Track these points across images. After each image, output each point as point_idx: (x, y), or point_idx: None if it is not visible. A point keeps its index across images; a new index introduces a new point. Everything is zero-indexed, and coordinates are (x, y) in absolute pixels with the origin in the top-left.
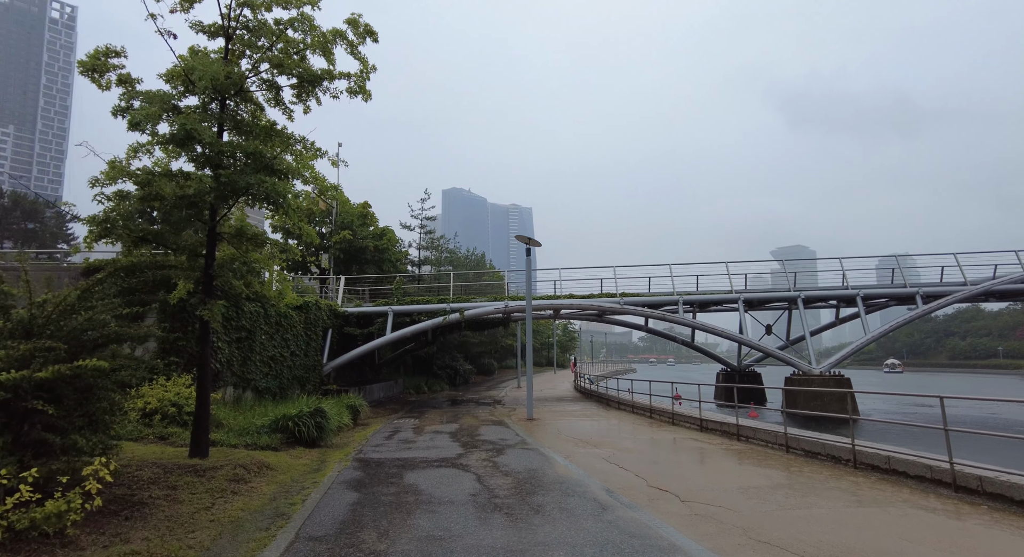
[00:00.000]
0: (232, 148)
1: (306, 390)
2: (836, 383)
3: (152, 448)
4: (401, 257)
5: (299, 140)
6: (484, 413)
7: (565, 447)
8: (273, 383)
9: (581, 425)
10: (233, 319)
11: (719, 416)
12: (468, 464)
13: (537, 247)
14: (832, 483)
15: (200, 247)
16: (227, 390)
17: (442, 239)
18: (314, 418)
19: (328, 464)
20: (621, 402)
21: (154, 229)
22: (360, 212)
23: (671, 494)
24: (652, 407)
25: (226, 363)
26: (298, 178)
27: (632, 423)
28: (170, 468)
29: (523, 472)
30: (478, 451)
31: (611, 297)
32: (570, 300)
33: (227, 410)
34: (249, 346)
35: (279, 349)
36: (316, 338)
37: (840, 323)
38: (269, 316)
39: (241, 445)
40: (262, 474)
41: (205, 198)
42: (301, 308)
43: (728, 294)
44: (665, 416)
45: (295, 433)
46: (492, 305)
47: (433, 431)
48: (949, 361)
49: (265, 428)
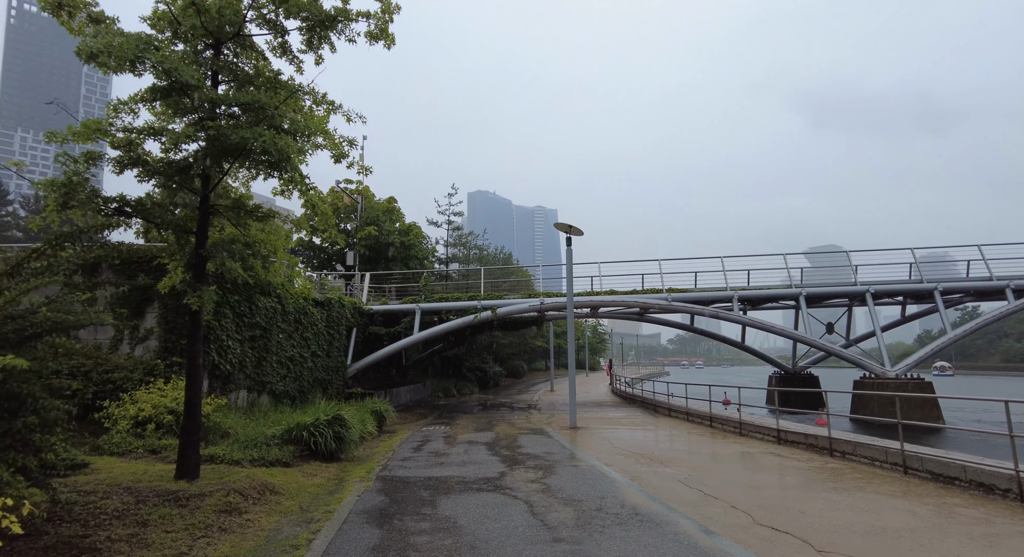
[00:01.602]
0: (229, 100)
1: (328, 394)
2: (916, 387)
3: (136, 466)
4: (428, 254)
5: (308, 92)
6: (520, 419)
7: (626, 464)
8: (292, 386)
9: (634, 436)
10: (246, 315)
11: (800, 426)
12: (514, 488)
13: (579, 235)
14: (1018, 527)
15: (190, 222)
16: (239, 394)
17: (470, 235)
18: (332, 427)
19: (347, 484)
20: (672, 408)
21: (132, 198)
22: (385, 207)
23: (794, 538)
24: (713, 415)
25: (238, 364)
26: (306, 139)
27: (691, 433)
28: (145, 495)
29: (585, 500)
30: (523, 468)
31: (656, 293)
32: (611, 296)
33: (238, 417)
34: (264, 345)
35: (298, 349)
36: (339, 337)
37: (906, 321)
38: (287, 313)
39: (246, 460)
40: (263, 500)
41: (196, 162)
42: (323, 305)
43: (787, 289)
44: (730, 425)
45: (310, 445)
46: (526, 302)
47: (467, 441)
48: (1003, 364)
49: (276, 439)
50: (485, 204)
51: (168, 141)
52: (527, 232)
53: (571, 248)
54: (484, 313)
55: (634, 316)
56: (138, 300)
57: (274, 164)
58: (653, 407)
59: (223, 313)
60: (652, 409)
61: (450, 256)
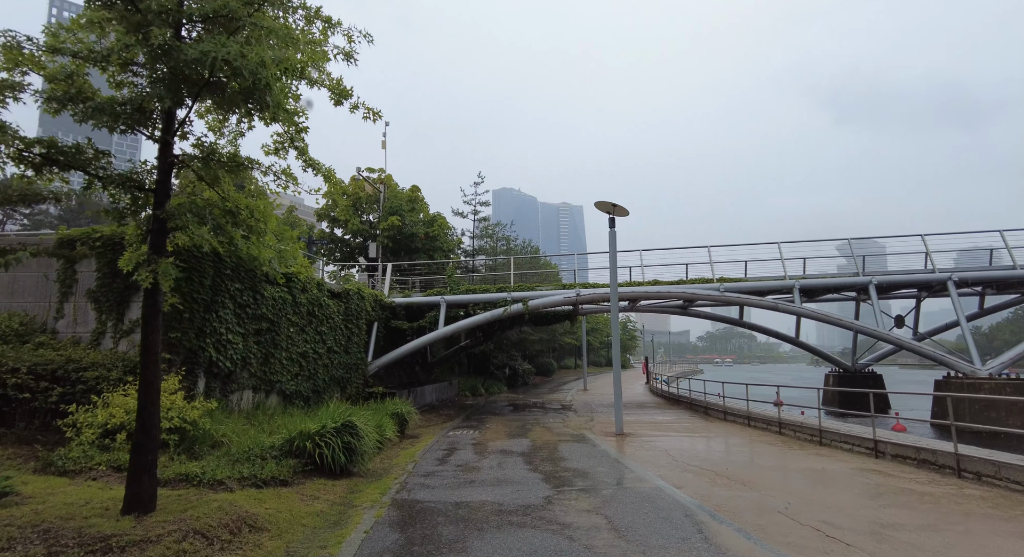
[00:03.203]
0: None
1: (347, 394)
2: (1016, 390)
3: (82, 492)
4: (453, 246)
5: (299, 5)
6: (556, 423)
7: (698, 485)
8: (305, 386)
9: (694, 446)
10: (249, 305)
11: (905, 437)
12: (567, 523)
13: (624, 216)
14: None
15: (146, 176)
16: (243, 395)
17: (497, 226)
18: (341, 436)
19: (353, 513)
20: (729, 411)
21: (66, 144)
22: (409, 197)
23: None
24: (783, 421)
25: (240, 361)
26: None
27: (759, 442)
28: (65, 544)
29: (669, 547)
30: (572, 491)
31: (706, 283)
32: (655, 287)
33: (237, 422)
34: (272, 340)
35: (312, 345)
36: (359, 332)
37: (985, 314)
38: (299, 304)
39: (233, 479)
40: (235, 543)
41: (148, 95)
42: (340, 296)
43: (852, 277)
44: (804, 433)
45: (315, 458)
46: (560, 294)
47: (500, 451)
48: None
49: (275, 450)
50: (510, 201)
51: (115, 63)
52: (552, 229)
53: (615, 230)
54: (515, 306)
55: (676, 310)
56: (122, 287)
57: (249, 93)
58: (704, 409)
59: (221, 303)
60: (703, 411)
61: (476, 248)
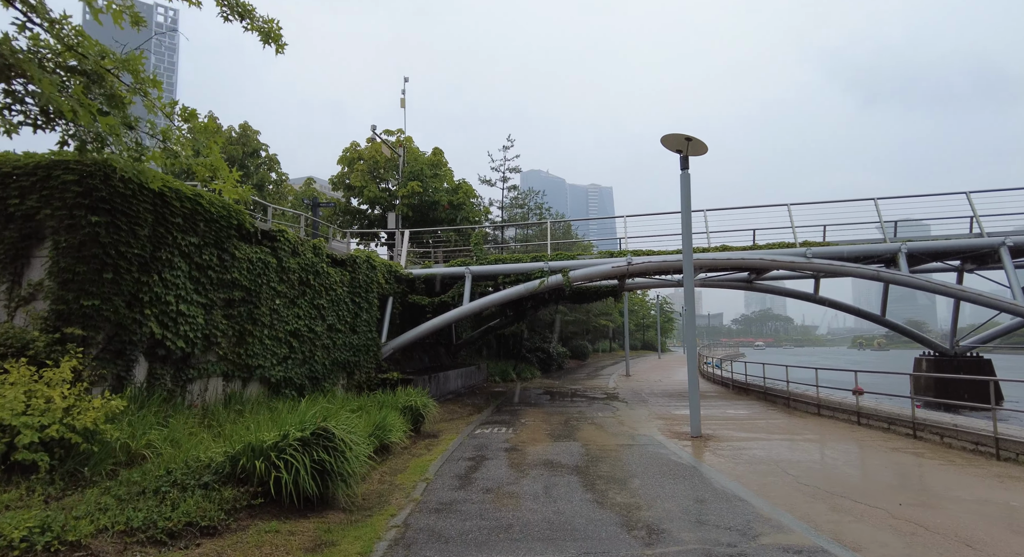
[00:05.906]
0: None
1: (355, 381)
2: None
3: None
4: (480, 216)
5: None
6: (607, 418)
7: (882, 541)
8: (297, 371)
9: (810, 457)
10: (212, 267)
11: None
12: None
13: (701, 154)
14: None
15: None
16: (206, 384)
17: (530, 194)
18: (312, 450)
19: None
20: (823, 404)
21: None
22: (431, 161)
23: None
24: (918, 421)
25: (202, 340)
26: None
27: (884, 448)
28: None
29: None
30: (672, 547)
31: (788, 248)
32: (724, 254)
33: (186, 424)
34: (249, 314)
35: (306, 321)
36: (369, 308)
37: None
38: (287, 270)
39: (114, 533)
40: None
41: None
42: (344, 264)
43: (975, 238)
44: (935, 432)
45: (273, 486)
46: (608, 262)
47: (544, 462)
48: None
49: (211, 472)
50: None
51: None
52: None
53: (688, 172)
54: (553, 278)
55: (740, 284)
56: (17, 238)
57: None
58: (785, 401)
59: (167, 262)
60: (783, 403)
61: (506, 220)
